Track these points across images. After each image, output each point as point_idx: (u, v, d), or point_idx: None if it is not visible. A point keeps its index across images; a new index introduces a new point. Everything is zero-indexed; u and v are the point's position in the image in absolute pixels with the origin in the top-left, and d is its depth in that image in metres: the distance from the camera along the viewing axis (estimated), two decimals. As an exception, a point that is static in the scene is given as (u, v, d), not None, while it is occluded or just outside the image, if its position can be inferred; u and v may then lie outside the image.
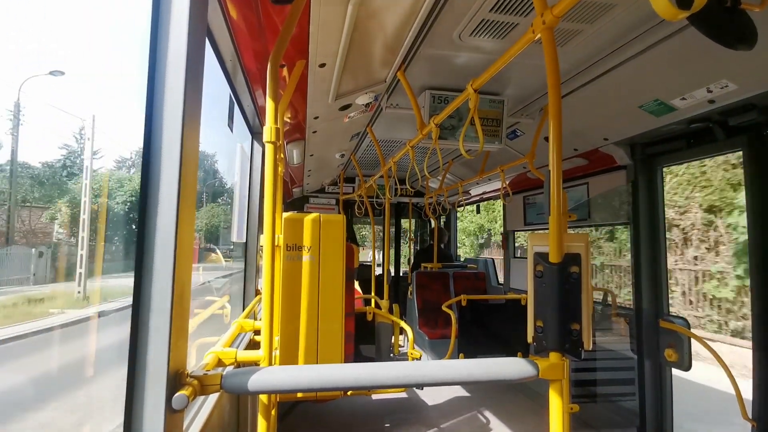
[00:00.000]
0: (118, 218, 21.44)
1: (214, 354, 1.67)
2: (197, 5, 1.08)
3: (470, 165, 5.03)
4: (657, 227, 3.09)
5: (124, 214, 21.30)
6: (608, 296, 3.85)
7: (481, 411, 4.10)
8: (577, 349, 1.25)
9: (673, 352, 2.85)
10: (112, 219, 21.01)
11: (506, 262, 5.75)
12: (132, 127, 26.60)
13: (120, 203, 21.29)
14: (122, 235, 20.92)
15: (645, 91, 2.44)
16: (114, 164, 26.71)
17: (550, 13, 1.31)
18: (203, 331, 5.58)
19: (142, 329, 0.99)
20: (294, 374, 1.17)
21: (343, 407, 4.13)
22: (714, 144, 2.64)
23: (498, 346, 4.09)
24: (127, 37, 39.82)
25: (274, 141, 1.54)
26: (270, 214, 1.55)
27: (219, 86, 2.52)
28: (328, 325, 2.53)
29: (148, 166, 1.01)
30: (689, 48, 2.00)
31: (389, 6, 1.79)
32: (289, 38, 1.57)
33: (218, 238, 27.18)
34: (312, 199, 6.97)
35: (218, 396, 1.89)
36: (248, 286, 3.74)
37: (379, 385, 1.20)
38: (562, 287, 1.24)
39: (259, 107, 2.91)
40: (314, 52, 2.01)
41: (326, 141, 3.93)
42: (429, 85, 2.81)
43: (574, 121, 3.02)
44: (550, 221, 1.27)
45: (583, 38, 2.14)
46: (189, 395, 1.02)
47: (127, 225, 21.36)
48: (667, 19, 0.84)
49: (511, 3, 1.85)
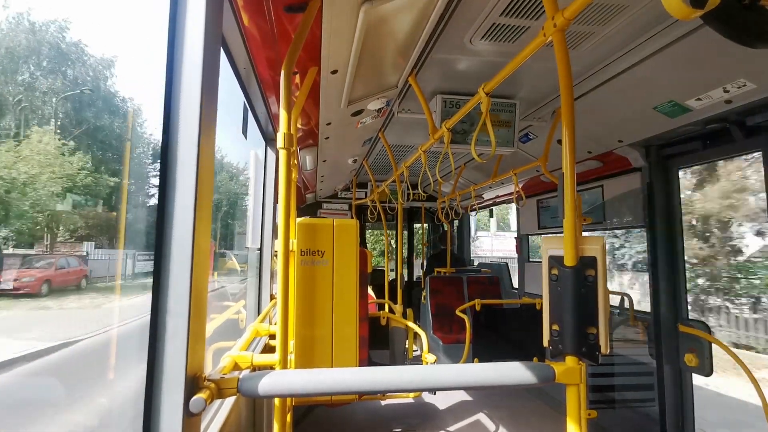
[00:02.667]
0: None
1: (230, 358, 1.69)
2: (212, 15, 1.11)
3: (483, 169, 5.00)
4: (674, 230, 3.04)
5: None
6: (625, 300, 3.79)
7: (496, 416, 4.05)
8: (594, 353, 1.23)
9: (693, 357, 2.79)
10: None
11: (521, 266, 5.70)
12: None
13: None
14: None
15: (659, 92, 2.41)
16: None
17: (561, 16, 1.31)
18: (216, 336, 5.65)
19: (161, 333, 1.01)
20: (310, 378, 1.17)
21: (356, 412, 4.12)
22: (732, 145, 2.59)
23: (513, 350, 4.04)
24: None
25: (288, 147, 1.56)
26: (284, 219, 1.57)
27: (233, 93, 2.56)
28: (343, 329, 2.54)
29: (165, 173, 1.04)
30: (704, 47, 1.97)
31: (400, 12, 1.80)
32: (301, 45, 1.59)
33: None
34: (325, 205, 7.00)
35: (235, 399, 1.91)
36: (263, 291, 3.77)
37: (394, 389, 1.20)
38: (578, 291, 1.23)
39: (272, 114, 2.95)
40: (326, 58, 2.03)
41: (339, 147, 3.95)
42: (440, 89, 2.81)
43: (587, 124, 2.99)
44: (564, 224, 1.26)
45: (594, 40, 2.12)
46: (206, 398, 1.04)
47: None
48: (680, 19, 0.83)
49: (521, 6, 1.85)
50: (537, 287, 5.29)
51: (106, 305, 13.77)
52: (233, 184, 28.36)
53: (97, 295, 14.83)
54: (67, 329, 9.91)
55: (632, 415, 3.47)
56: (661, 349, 3.04)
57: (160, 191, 1.04)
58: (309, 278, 2.51)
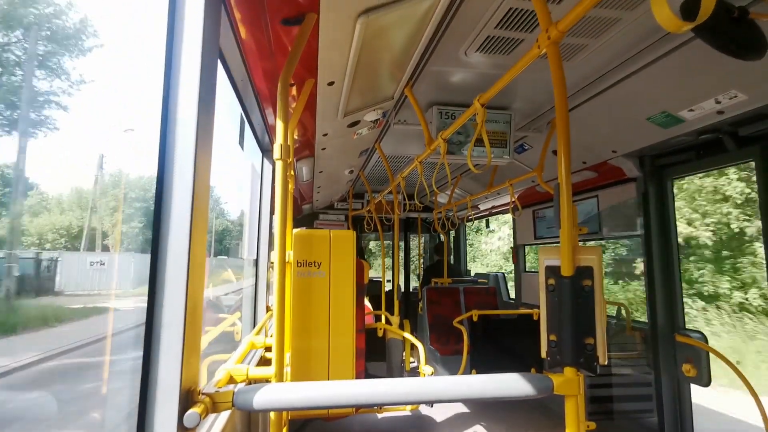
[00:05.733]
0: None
1: (225, 371, 1.67)
2: (210, 28, 1.12)
3: (479, 179, 5.03)
4: (669, 239, 3.05)
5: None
6: (622, 310, 3.79)
7: (494, 429, 4.01)
8: (592, 363, 1.22)
9: (691, 366, 2.78)
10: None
11: (517, 276, 5.70)
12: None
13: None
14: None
15: (652, 103, 2.44)
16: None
17: (555, 29, 1.32)
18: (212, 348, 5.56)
19: (155, 346, 0.99)
20: (306, 391, 1.16)
21: (353, 425, 4.08)
22: (725, 155, 2.61)
23: (511, 361, 4.02)
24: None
25: (284, 158, 1.56)
26: (280, 230, 1.57)
27: (230, 105, 2.57)
28: (339, 341, 2.52)
29: (161, 184, 1.03)
30: (696, 59, 2.00)
31: (396, 24, 1.82)
32: (298, 58, 1.61)
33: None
34: (321, 216, 6.99)
35: (230, 413, 1.88)
36: (259, 303, 3.74)
37: (391, 401, 1.19)
38: (574, 301, 1.23)
39: (269, 125, 2.96)
40: (323, 70, 2.05)
41: (335, 157, 3.96)
42: (436, 100, 2.83)
43: (582, 134, 3.01)
44: (560, 234, 1.26)
45: (588, 52, 2.15)
46: (201, 413, 1.02)
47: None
48: (671, 32, 0.85)
49: (516, 19, 1.88)
50: (534, 297, 5.29)
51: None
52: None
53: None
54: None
55: (632, 426, 3.45)
56: (658, 359, 3.03)
57: (156, 202, 1.03)
58: (305, 289, 2.50)
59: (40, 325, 11.35)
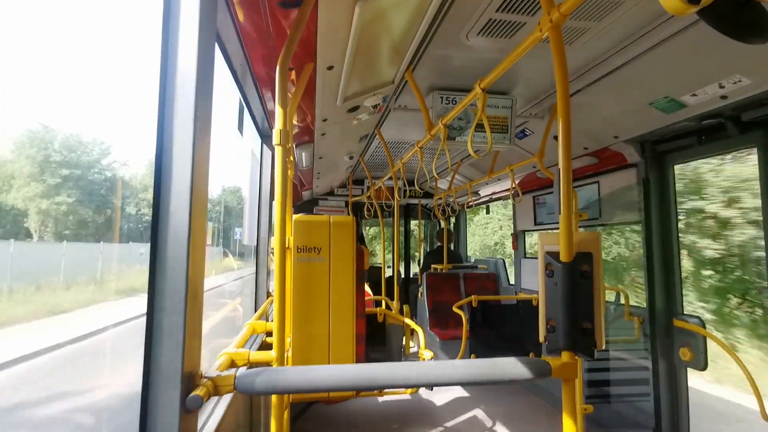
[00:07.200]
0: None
1: (227, 355, 1.68)
2: (207, 12, 1.10)
3: (479, 165, 5.01)
4: (669, 225, 3.05)
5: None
6: (621, 295, 3.81)
7: (492, 412, 4.07)
8: (589, 348, 1.24)
9: (688, 351, 2.81)
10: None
11: (517, 262, 5.72)
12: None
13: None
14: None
15: (654, 87, 2.42)
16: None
17: (557, 11, 1.30)
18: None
19: (157, 331, 1.00)
20: (307, 374, 1.17)
21: (353, 409, 4.14)
22: (727, 140, 2.60)
23: (510, 346, 4.06)
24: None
25: (284, 144, 1.55)
26: (280, 216, 1.57)
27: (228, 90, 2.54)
28: (340, 326, 2.54)
29: (160, 170, 1.03)
30: (700, 43, 1.98)
31: (396, 7, 1.79)
32: (297, 42, 1.59)
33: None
34: (321, 202, 6.99)
35: (232, 397, 1.91)
36: (259, 288, 3.76)
37: (391, 384, 1.20)
38: (573, 286, 1.24)
39: (268, 111, 2.94)
40: (322, 54, 2.02)
41: (335, 143, 3.94)
42: (437, 85, 2.81)
43: (583, 120, 2.99)
44: (560, 220, 1.26)
45: (591, 36, 2.12)
46: (203, 396, 1.04)
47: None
48: (675, 15, 0.83)
49: (518, 2, 1.85)
50: (533, 283, 5.32)
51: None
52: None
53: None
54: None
55: (628, 410, 3.50)
56: (656, 343, 3.06)
57: (155, 189, 1.03)
58: (305, 275, 2.51)
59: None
